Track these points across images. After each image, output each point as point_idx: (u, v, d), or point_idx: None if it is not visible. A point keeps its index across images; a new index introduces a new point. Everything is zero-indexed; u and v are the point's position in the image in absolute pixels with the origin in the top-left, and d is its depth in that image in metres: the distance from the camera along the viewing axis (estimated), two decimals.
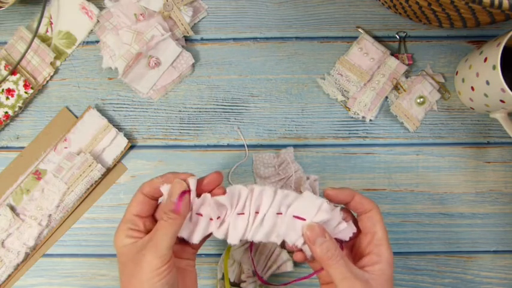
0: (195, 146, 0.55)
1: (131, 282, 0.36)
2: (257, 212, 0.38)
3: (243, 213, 0.38)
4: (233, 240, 0.38)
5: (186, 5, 0.55)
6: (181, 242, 0.40)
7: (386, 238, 0.39)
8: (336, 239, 0.39)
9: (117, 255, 0.38)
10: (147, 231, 0.38)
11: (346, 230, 0.39)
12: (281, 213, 0.38)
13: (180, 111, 0.56)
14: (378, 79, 0.55)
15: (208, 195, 0.38)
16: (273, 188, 0.39)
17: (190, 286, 0.40)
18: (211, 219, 0.38)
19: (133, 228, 0.38)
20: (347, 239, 0.39)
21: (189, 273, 0.40)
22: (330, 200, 0.40)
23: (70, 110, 0.55)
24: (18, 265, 0.53)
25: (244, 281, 0.52)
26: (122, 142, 0.54)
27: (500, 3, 0.40)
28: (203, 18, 0.57)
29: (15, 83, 0.54)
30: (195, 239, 0.38)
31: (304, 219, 0.38)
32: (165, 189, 0.38)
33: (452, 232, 0.55)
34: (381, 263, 0.38)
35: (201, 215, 0.38)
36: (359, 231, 0.40)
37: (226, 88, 0.56)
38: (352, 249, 0.41)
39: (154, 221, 0.40)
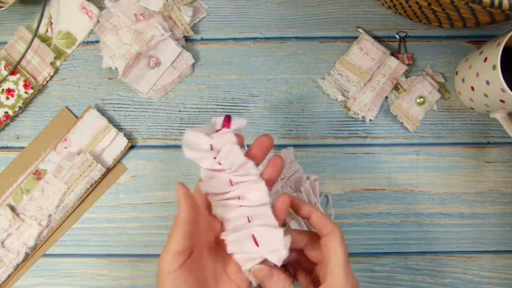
0: None
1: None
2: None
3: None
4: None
5: (186, 5, 0.55)
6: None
7: (343, 265, 0.36)
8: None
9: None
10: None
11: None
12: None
13: (180, 111, 0.56)
14: (378, 79, 0.55)
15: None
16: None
17: None
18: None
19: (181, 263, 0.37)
20: (278, 264, 0.37)
21: (225, 283, 0.38)
22: (292, 207, 0.39)
23: (70, 110, 0.55)
24: (18, 265, 0.53)
25: None
26: (122, 142, 0.54)
27: (500, 3, 0.40)
28: (203, 18, 0.57)
29: (15, 83, 0.54)
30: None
31: (257, 246, 0.37)
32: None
33: (452, 232, 0.55)
34: None
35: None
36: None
37: (226, 88, 0.56)
38: (312, 275, 0.40)
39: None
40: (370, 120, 0.55)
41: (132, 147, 0.55)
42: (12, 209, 0.53)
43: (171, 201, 0.55)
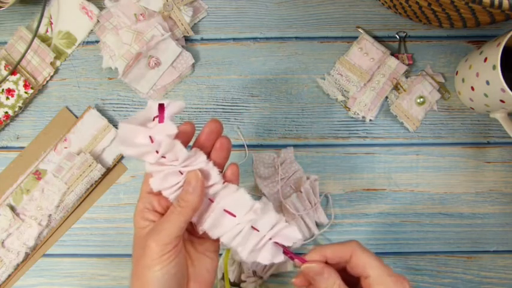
0: None
1: (137, 267, 0.36)
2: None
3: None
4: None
5: (186, 5, 0.55)
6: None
7: (385, 272, 0.34)
8: (279, 244, 0.37)
9: (134, 233, 0.38)
10: (165, 210, 0.37)
11: (287, 233, 0.37)
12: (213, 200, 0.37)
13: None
14: (378, 79, 0.55)
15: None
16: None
17: (202, 275, 0.38)
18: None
19: (149, 208, 0.37)
20: (290, 243, 0.37)
21: (203, 261, 0.39)
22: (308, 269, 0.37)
23: (70, 110, 0.55)
24: (18, 265, 0.53)
25: (244, 281, 0.52)
26: None
27: (500, 3, 0.40)
28: (203, 18, 0.57)
29: (15, 83, 0.54)
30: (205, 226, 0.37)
31: (234, 216, 0.37)
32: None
33: (452, 232, 0.55)
34: None
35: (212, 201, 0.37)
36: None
37: (226, 88, 0.56)
38: None
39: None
40: (370, 120, 0.55)
41: None
42: (12, 209, 0.53)
43: None
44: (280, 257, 0.37)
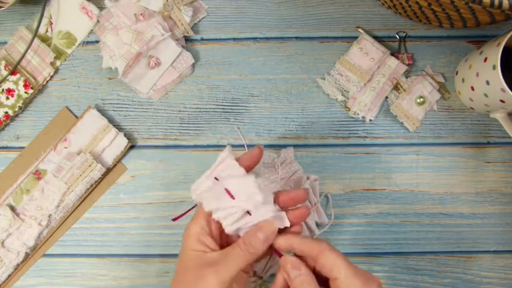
0: (195, 146, 0.55)
1: None
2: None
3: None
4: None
5: (186, 5, 0.55)
6: None
7: (352, 273, 0.34)
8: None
9: (182, 253, 0.37)
10: (219, 235, 0.37)
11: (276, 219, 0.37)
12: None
13: (180, 111, 0.56)
14: (378, 79, 0.55)
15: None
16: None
17: None
18: None
19: (206, 232, 0.37)
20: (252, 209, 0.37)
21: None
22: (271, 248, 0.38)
23: (70, 110, 0.55)
24: (18, 265, 0.53)
25: None
26: (122, 142, 0.54)
27: (500, 3, 0.40)
28: (203, 18, 0.57)
29: (15, 83, 0.54)
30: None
31: (233, 198, 0.36)
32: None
33: (452, 232, 0.55)
34: None
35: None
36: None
37: (226, 88, 0.56)
38: None
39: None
40: (370, 120, 0.55)
41: (132, 147, 0.55)
42: (12, 209, 0.53)
43: (171, 201, 0.55)
44: None
